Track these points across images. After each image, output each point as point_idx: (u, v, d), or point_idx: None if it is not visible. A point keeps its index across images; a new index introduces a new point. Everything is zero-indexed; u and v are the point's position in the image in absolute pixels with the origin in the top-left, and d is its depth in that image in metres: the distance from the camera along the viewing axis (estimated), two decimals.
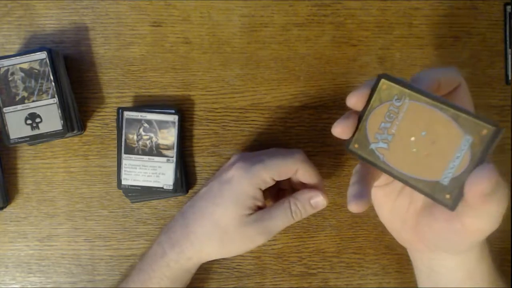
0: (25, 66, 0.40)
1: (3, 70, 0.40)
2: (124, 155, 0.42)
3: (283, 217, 0.38)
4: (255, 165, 0.37)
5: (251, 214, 0.37)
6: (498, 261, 0.45)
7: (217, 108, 0.44)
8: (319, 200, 0.38)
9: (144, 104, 0.44)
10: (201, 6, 0.44)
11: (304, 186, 0.40)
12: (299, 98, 0.44)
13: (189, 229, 0.38)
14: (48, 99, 0.40)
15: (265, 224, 0.37)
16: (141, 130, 0.42)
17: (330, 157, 0.45)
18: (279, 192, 0.42)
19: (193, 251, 0.38)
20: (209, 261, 0.40)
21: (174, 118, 0.42)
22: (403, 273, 0.46)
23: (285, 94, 0.44)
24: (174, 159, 0.42)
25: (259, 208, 0.38)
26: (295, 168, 0.38)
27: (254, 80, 0.44)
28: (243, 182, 0.37)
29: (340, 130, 0.29)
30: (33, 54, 0.40)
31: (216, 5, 0.44)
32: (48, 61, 0.40)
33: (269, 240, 0.43)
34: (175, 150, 0.42)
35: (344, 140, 0.30)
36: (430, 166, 0.27)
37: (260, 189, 0.37)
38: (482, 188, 0.24)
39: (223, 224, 0.37)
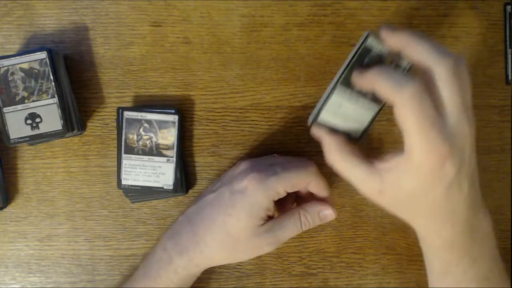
0: (25, 66, 0.40)
1: (3, 70, 0.40)
2: (124, 155, 0.42)
3: (292, 227, 0.38)
4: (270, 177, 0.37)
5: (262, 224, 0.37)
6: None
7: (217, 108, 0.44)
8: (328, 214, 0.39)
9: (144, 104, 0.44)
10: (201, 6, 0.44)
11: (310, 194, 0.40)
12: (299, 98, 0.44)
13: (198, 237, 0.38)
14: (48, 99, 0.40)
15: (276, 234, 0.38)
16: (141, 130, 0.42)
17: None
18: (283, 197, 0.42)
19: (202, 259, 0.38)
20: None
21: (174, 118, 0.42)
22: (403, 273, 0.46)
23: (285, 94, 0.44)
24: (174, 159, 0.42)
25: (269, 217, 0.38)
26: (309, 181, 0.38)
27: (254, 80, 0.44)
28: (258, 194, 0.37)
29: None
30: (33, 54, 0.40)
31: (216, 5, 0.44)
32: (48, 61, 0.40)
33: None
34: (175, 150, 0.42)
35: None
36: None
37: (273, 200, 0.37)
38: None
39: (235, 234, 0.37)
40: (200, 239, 0.38)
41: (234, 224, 0.37)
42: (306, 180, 0.38)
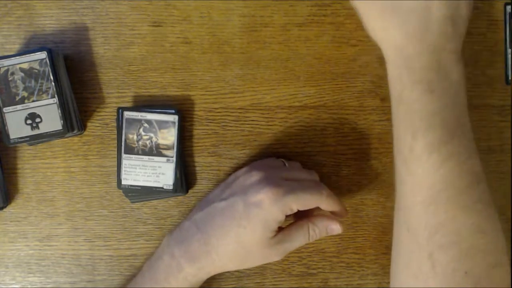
0: (25, 66, 0.40)
1: (3, 70, 0.40)
2: (124, 155, 0.42)
3: (301, 239, 0.39)
4: (287, 195, 0.37)
5: (274, 236, 0.38)
6: None
7: (217, 108, 0.44)
8: (334, 228, 0.40)
9: (144, 104, 0.44)
10: (201, 6, 0.44)
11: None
12: (299, 98, 0.44)
13: (209, 246, 0.38)
14: (48, 99, 0.40)
15: (285, 246, 0.39)
16: (141, 130, 0.42)
17: (330, 157, 0.45)
18: None
19: (213, 267, 0.39)
20: None
21: (174, 118, 0.42)
22: None
23: (285, 94, 0.44)
24: (174, 159, 0.42)
25: (279, 229, 0.39)
26: (320, 203, 0.39)
27: (254, 80, 0.44)
28: (273, 210, 0.37)
29: None
30: (33, 54, 0.40)
31: (216, 5, 0.44)
32: (48, 61, 0.40)
33: None
34: (175, 150, 0.42)
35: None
36: None
37: (286, 214, 0.38)
38: None
39: (248, 245, 0.38)
40: (212, 249, 0.38)
41: (248, 236, 0.37)
42: (318, 203, 0.39)
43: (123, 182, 0.42)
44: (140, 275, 0.40)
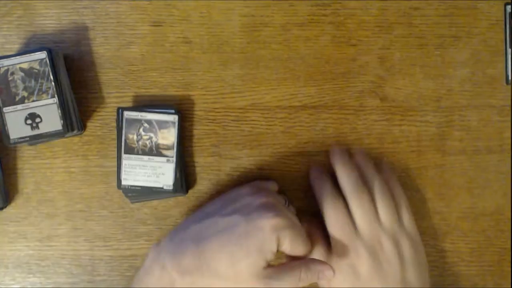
0: (25, 66, 0.40)
1: (3, 70, 0.40)
2: (124, 155, 0.42)
3: (291, 281, 0.38)
4: (287, 229, 0.37)
5: (265, 267, 0.37)
6: (498, 262, 0.45)
7: (217, 108, 0.44)
8: (328, 274, 0.39)
9: (144, 104, 0.44)
10: (201, 6, 0.44)
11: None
12: (299, 98, 0.44)
13: (202, 260, 0.37)
14: (48, 99, 0.40)
15: (272, 283, 0.37)
16: (141, 130, 0.42)
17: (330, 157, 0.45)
18: None
19: (202, 283, 0.37)
20: None
21: (174, 118, 0.42)
22: None
23: (285, 94, 0.44)
24: (174, 159, 0.42)
25: (269, 265, 0.38)
26: (300, 255, 0.39)
27: (254, 80, 0.44)
28: (272, 238, 0.36)
29: None
30: (33, 54, 0.40)
31: (216, 5, 0.44)
32: (48, 61, 0.40)
33: None
34: (175, 150, 0.42)
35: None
36: None
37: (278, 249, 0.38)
38: None
39: (239, 268, 0.36)
40: (203, 263, 0.37)
41: (242, 257, 0.36)
42: (301, 253, 0.39)
43: (123, 182, 0.42)
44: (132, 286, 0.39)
